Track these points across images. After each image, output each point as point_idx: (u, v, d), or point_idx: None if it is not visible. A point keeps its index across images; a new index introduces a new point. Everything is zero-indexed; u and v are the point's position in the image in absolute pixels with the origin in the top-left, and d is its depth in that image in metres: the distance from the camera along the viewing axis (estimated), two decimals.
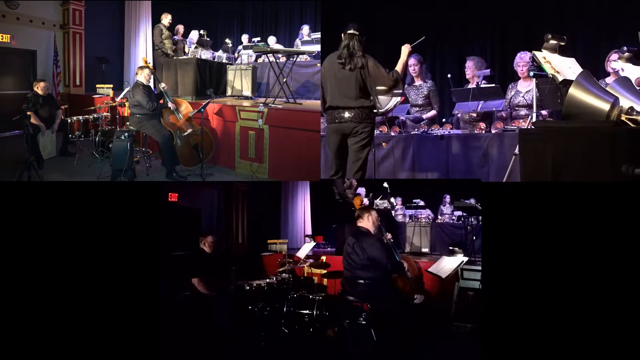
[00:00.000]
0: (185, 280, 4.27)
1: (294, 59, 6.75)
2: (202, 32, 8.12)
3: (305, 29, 8.28)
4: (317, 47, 7.26)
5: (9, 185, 3.81)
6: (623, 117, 2.82)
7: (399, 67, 4.11)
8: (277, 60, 6.34)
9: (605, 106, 2.81)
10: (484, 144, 4.79)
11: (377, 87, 4.00)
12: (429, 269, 4.48)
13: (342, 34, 4.04)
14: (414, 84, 5.82)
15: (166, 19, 7.53)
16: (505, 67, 6.79)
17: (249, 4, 10.74)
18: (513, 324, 2.74)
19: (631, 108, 2.87)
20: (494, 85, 5.35)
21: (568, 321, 2.67)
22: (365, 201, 6.59)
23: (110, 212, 3.07)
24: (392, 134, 5.29)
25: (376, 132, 5.03)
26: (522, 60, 5.15)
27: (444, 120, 5.69)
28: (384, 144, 5.20)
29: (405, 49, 4.17)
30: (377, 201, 6.99)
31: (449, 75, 5.61)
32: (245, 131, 5.94)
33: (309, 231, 7.67)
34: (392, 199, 7.13)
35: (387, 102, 4.30)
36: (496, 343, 2.77)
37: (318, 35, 7.55)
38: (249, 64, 7.32)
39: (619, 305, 2.61)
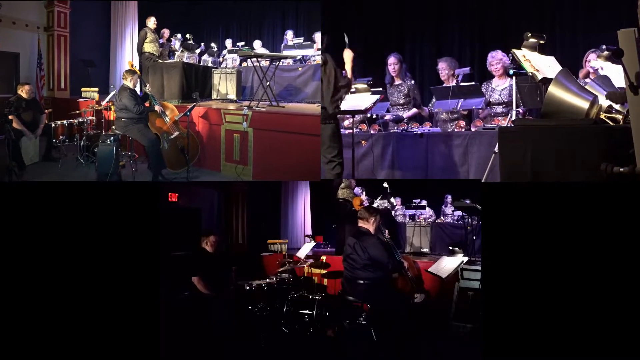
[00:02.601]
0: (185, 280, 4.27)
1: (277, 63, 6.88)
2: (188, 35, 8.17)
3: (290, 34, 8.49)
4: (298, 52, 7.57)
5: (9, 185, 3.81)
6: (602, 116, 2.83)
7: (348, 73, 4.40)
8: (261, 65, 6.47)
9: (584, 104, 2.82)
10: (463, 142, 4.81)
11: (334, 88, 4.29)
12: (429, 269, 4.48)
13: None
14: (395, 84, 5.86)
15: (150, 22, 7.50)
16: (485, 66, 6.82)
17: (234, 10, 10.86)
18: (513, 324, 2.74)
19: (610, 106, 2.88)
20: (473, 83, 5.36)
21: (568, 321, 2.67)
22: (365, 201, 6.60)
23: (110, 212, 3.07)
24: (372, 132, 5.30)
25: (356, 130, 5.10)
26: (494, 59, 5.19)
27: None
28: (363, 142, 5.20)
29: (348, 53, 4.39)
30: (377, 201, 6.99)
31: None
32: (230, 134, 5.99)
33: (309, 231, 7.67)
34: (392, 199, 7.14)
35: (366, 100, 4.65)
36: (496, 343, 2.77)
37: (300, 40, 7.89)
38: (233, 68, 7.43)
39: (619, 305, 2.61)
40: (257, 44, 8.72)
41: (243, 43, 8.68)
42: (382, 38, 7.50)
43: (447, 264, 4.43)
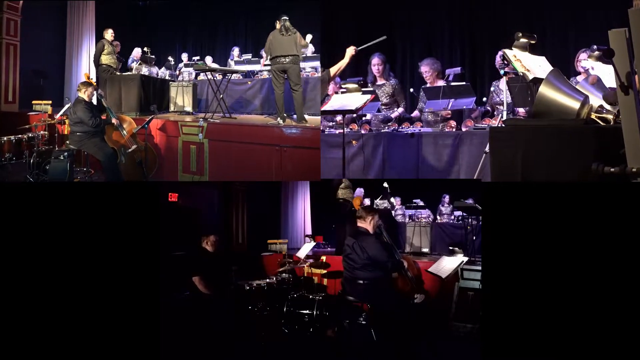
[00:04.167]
0: (185, 280, 4.27)
1: (229, 77, 7.11)
2: (146, 49, 8.22)
3: (236, 50, 9.07)
4: (248, 67, 8.25)
5: (12, 186, 3.82)
6: (593, 116, 2.82)
7: (333, 69, 4.91)
8: (215, 78, 6.72)
9: (575, 104, 2.82)
10: (454, 142, 4.82)
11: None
12: (429, 269, 4.48)
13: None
14: (377, 83, 5.87)
15: (107, 34, 7.38)
16: (475, 66, 6.83)
17: (189, 25, 11.22)
18: (513, 324, 2.74)
19: (601, 106, 2.88)
20: (464, 83, 5.36)
21: (568, 321, 2.67)
22: (366, 201, 6.60)
23: (110, 212, 3.08)
24: (362, 132, 5.29)
25: (346, 130, 5.14)
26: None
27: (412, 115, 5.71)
28: (354, 141, 5.19)
29: (350, 50, 4.76)
30: (377, 201, 7.00)
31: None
32: (187, 145, 6.11)
33: (309, 231, 7.67)
34: (392, 199, 7.13)
35: (356, 100, 4.84)
36: (496, 343, 2.78)
37: (249, 56, 8.68)
38: (189, 81, 7.66)
39: (619, 306, 2.61)
40: (208, 60, 9.19)
41: (198, 57, 9.11)
42: (374, 37, 7.50)
43: (447, 264, 4.43)
